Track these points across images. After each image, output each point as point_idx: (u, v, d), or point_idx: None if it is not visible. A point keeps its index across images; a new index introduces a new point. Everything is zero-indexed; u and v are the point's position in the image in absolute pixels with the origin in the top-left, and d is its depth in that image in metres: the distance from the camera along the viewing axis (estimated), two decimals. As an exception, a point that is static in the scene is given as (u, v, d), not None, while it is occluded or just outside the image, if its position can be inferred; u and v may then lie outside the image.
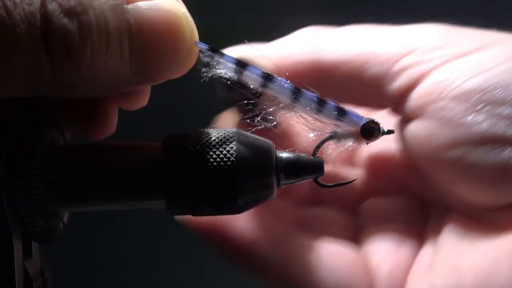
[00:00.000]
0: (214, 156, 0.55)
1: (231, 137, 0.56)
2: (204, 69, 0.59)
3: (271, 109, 0.60)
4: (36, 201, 0.54)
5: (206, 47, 0.57)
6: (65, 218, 0.60)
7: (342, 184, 0.60)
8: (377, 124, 0.59)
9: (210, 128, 0.58)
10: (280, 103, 0.60)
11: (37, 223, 0.55)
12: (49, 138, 0.58)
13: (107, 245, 1.50)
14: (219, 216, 0.57)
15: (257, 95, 0.60)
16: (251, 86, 0.59)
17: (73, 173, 0.56)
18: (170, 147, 0.56)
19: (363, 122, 0.59)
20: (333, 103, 0.59)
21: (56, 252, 0.67)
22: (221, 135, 0.56)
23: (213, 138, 0.56)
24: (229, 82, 0.59)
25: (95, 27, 0.47)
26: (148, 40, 0.49)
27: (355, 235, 0.75)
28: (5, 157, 0.54)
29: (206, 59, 0.58)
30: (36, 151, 0.55)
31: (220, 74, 0.59)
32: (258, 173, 0.55)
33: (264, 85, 0.59)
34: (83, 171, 0.56)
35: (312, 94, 0.59)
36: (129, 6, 0.49)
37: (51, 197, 0.55)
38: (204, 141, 0.55)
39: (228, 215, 0.57)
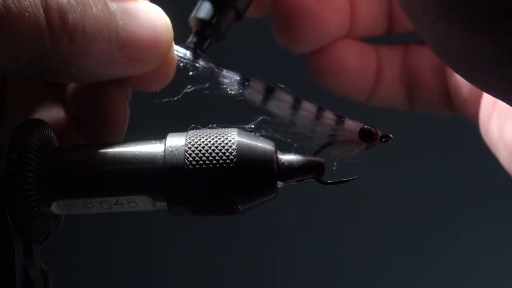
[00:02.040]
0: (215, 158, 0.55)
1: (232, 138, 0.56)
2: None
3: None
4: (31, 202, 0.54)
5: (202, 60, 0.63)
6: (61, 219, 0.60)
7: (344, 181, 0.61)
8: (375, 128, 0.61)
9: (211, 128, 0.58)
10: (280, 113, 0.62)
11: (32, 224, 0.55)
12: (44, 138, 0.58)
13: (107, 245, 1.50)
14: None
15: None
16: (252, 100, 0.62)
17: (71, 173, 0.56)
18: (171, 147, 0.56)
19: (361, 127, 0.61)
20: (331, 112, 0.61)
21: (56, 252, 0.67)
22: (221, 136, 0.56)
23: (214, 139, 0.56)
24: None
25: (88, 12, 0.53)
26: (133, 47, 0.57)
27: None
28: (5, 158, 0.54)
29: (204, 67, 0.62)
30: (30, 151, 0.55)
31: (222, 87, 0.62)
32: (259, 176, 0.55)
33: (266, 97, 0.61)
34: (80, 171, 0.56)
35: (311, 104, 0.61)
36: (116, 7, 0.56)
37: (47, 198, 0.55)
38: (205, 142, 0.56)
39: None
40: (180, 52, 0.64)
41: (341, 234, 1.48)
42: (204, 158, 0.55)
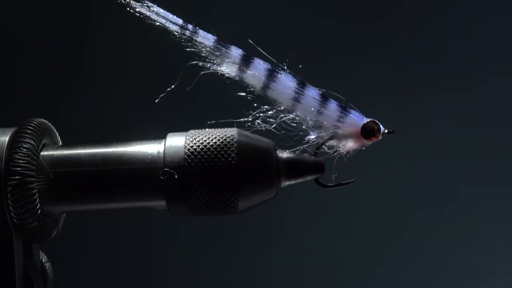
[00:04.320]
0: (215, 158, 0.55)
1: (232, 138, 0.56)
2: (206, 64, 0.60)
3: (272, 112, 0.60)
4: (31, 202, 0.54)
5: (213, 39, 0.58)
6: (61, 219, 0.60)
7: (343, 184, 0.60)
8: (377, 124, 0.59)
9: (211, 129, 0.58)
10: (281, 103, 0.60)
11: (32, 224, 0.55)
12: (45, 137, 0.58)
13: (107, 246, 1.50)
14: None
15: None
16: (253, 84, 0.60)
17: (71, 173, 0.56)
18: (171, 147, 0.56)
19: (364, 122, 0.59)
20: (335, 102, 0.59)
21: (56, 252, 0.67)
22: (221, 136, 0.56)
23: (214, 139, 0.56)
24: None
25: None
26: None
27: None
28: (4, 159, 0.54)
29: (209, 52, 0.59)
30: (30, 151, 0.55)
31: (222, 70, 0.60)
32: (258, 176, 0.55)
33: (268, 80, 0.59)
34: (81, 171, 0.56)
35: (316, 90, 0.59)
36: None
37: (47, 197, 0.55)
38: (205, 142, 0.56)
39: None
40: (178, 22, 0.60)
41: (341, 234, 1.48)
42: (204, 158, 0.55)
